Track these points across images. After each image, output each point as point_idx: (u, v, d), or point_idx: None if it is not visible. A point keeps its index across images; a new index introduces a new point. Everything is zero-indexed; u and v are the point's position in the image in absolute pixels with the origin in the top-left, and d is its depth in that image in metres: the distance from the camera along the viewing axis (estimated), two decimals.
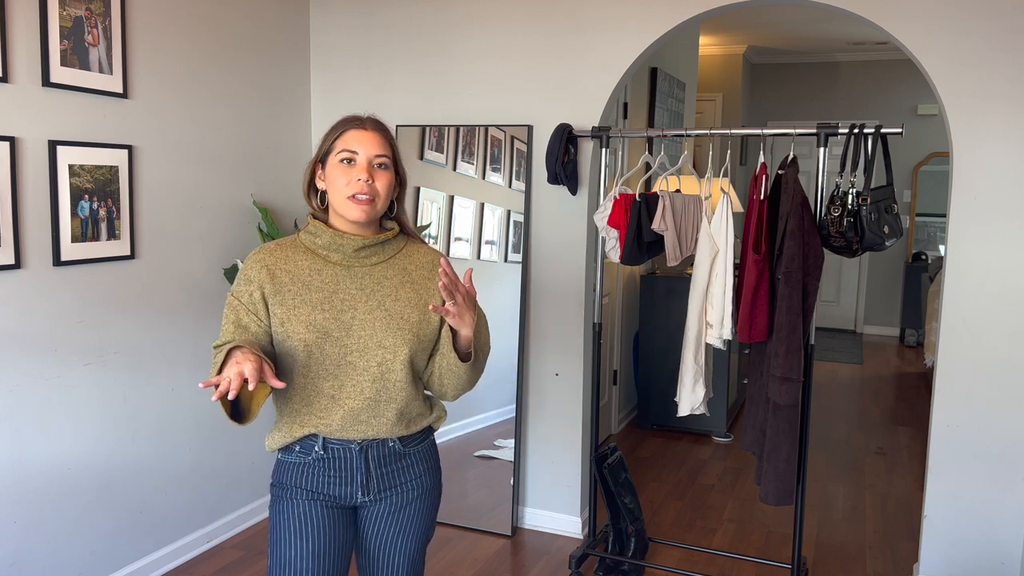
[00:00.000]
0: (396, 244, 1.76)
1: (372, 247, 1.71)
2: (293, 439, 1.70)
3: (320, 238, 1.69)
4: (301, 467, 1.71)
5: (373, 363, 1.67)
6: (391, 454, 1.74)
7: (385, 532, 1.78)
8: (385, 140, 1.69)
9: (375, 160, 1.66)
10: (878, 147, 2.71)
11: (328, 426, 1.68)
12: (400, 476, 1.76)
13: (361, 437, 1.70)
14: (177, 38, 3.03)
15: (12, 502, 2.55)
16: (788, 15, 6.27)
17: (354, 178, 1.64)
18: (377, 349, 1.67)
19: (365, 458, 1.71)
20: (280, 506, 1.72)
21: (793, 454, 2.70)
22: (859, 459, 4.56)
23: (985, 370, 2.84)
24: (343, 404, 1.67)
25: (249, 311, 1.65)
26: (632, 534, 3.21)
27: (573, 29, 3.29)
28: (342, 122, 1.71)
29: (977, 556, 2.91)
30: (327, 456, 1.70)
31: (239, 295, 1.67)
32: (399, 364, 1.68)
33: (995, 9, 2.74)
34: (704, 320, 2.84)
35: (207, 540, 3.30)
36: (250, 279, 1.67)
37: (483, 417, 3.50)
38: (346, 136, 1.67)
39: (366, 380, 1.67)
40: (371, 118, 1.72)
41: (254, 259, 1.69)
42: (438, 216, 3.53)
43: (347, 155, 1.65)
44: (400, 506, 1.77)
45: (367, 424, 1.69)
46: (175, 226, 3.08)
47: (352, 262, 1.70)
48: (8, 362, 2.52)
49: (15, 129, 2.49)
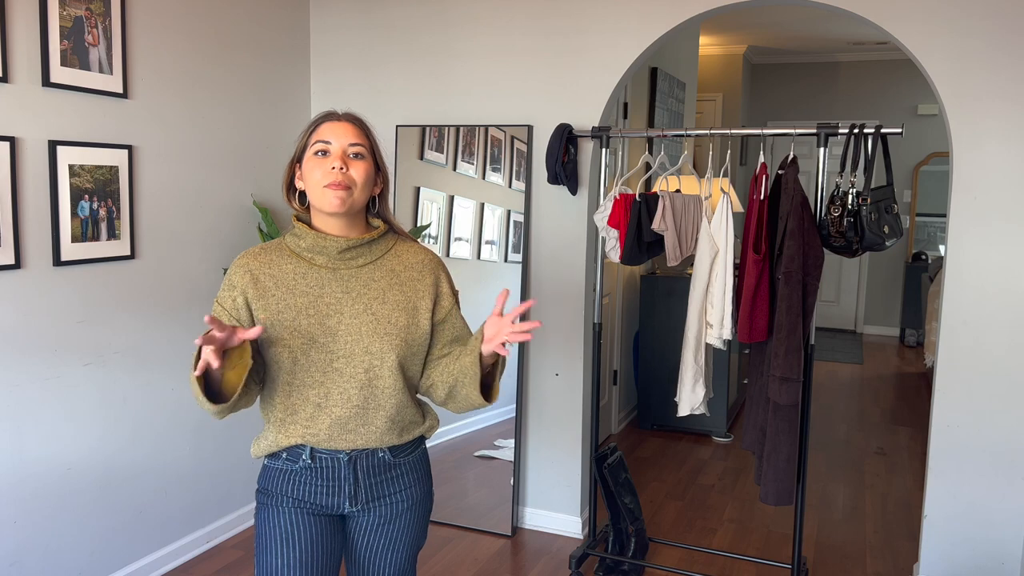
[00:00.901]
0: (384, 244, 1.71)
1: (357, 248, 1.66)
2: (279, 447, 1.66)
3: (304, 240, 1.65)
4: (288, 474, 1.67)
5: (360, 370, 1.62)
6: (381, 464, 1.70)
7: (373, 544, 1.75)
8: (360, 130, 1.65)
9: (349, 149, 1.61)
10: (878, 147, 2.71)
11: (315, 436, 1.64)
12: (389, 487, 1.72)
13: (350, 447, 1.65)
14: (177, 38, 3.04)
15: (12, 502, 2.55)
16: (788, 15, 6.27)
17: (328, 167, 1.59)
18: (364, 355, 1.62)
19: (354, 468, 1.67)
20: (266, 513, 1.69)
21: (793, 454, 2.70)
22: (859, 459, 4.56)
23: (985, 370, 2.84)
24: (330, 412, 1.63)
25: (232, 316, 1.62)
26: (632, 534, 3.21)
27: (573, 29, 3.29)
28: (316, 118, 1.68)
29: (977, 556, 2.91)
30: (315, 465, 1.66)
31: (222, 301, 1.63)
32: (387, 370, 1.64)
33: (995, 9, 2.74)
34: (704, 320, 2.84)
35: (207, 540, 3.30)
36: (233, 285, 1.63)
37: (483, 417, 3.50)
38: (320, 129, 1.64)
39: (353, 387, 1.62)
40: (347, 112, 1.68)
41: (238, 264, 1.65)
42: (438, 216, 3.53)
43: (321, 146, 1.61)
44: (389, 518, 1.74)
45: (355, 433, 1.65)
46: (175, 226, 3.08)
47: (338, 264, 1.65)
48: (8, 362, 2.52)
49: (15, 129, 2.49)
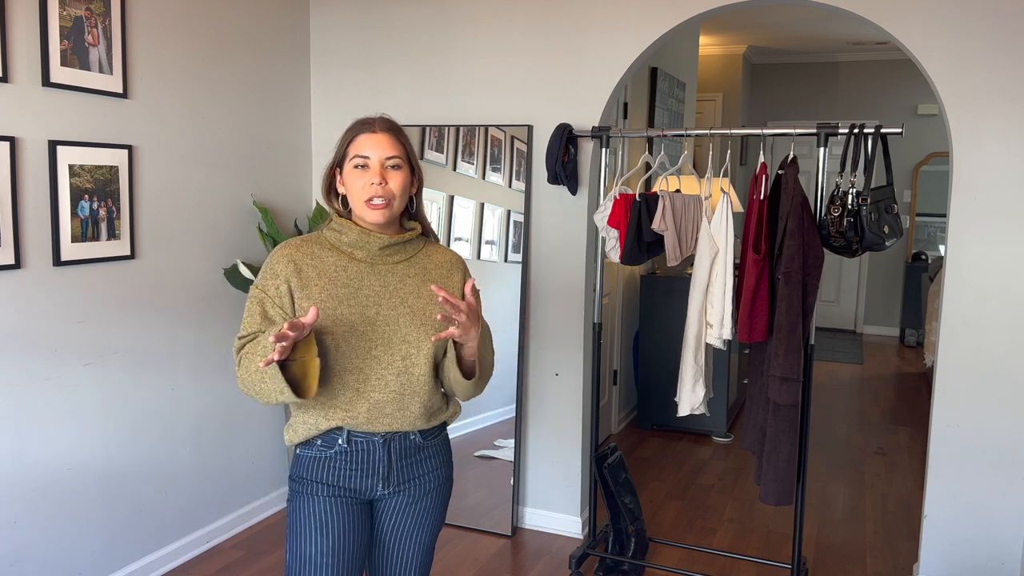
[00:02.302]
0: (417, 244, 1.81)
1: (395, 246, 1.76)
2: (318, 432, 1.73)
3: (346, 235, 1.73)
4: (321, 461, 1.74)
5: (397, 357, 1.71)
6: (412, 446, 1.78)
7: (402, 524, 1.82)
8: (396, 140, 1.74)
9: (387, 162, 1.71)
10: (878, 147, 2.71)
11: (354, 419, 1.71)
12: (419, 468, 1.81)
13: (385, 430, 1.74)
14: (177, 38, 3.04)
15: (12, 502, 2.55)
16: (788, 15, 6.27)
17: (368, 182, 1.69)
18: (401, 344, 1.71)
19: (388, 450, 1.75)
20: (299, 501, 1.75)
21: (793, 454, 2.70)
22: (859, 459, 4.56)
23: (985, 370, 2.84)
24: (368, 397, 1.70)
25: (275, 304, 1.69)
26: (632, 534, 3.21)
27: (573, 29, 3.29)
28: (353, 127, 1.75)
29: (977, 556, 2.91)
30: (350, 449, 1.73)
31: (265, 288, 1.70)
32: (423, 358, 1.73)
33: (995, 9, 2.74)
34: (704, 320, 2.84)
35: (207, 540, 3.30)
36: (276, 273, 1.70)
37: (483, 417, 3.50)
38: (357, 141, 1.72)
39: (391, 374, 1.71)
40: (381, 119, 1.76)
41: (280, 254, 1.73)
42: (438, 216, 3.53)
43: (360, 160, 1.70)
44: (417, 498, 1.82)
45: (392, 417, 1.73)
46: (175, 226, 3.08)
47: (376, 260, 1.75)
48: (8, 362, 2.52)
49: (15, 129, 2.49)
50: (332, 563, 1.72)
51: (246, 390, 1.66)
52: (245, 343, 1.69)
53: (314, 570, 1.72)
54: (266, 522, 3.55)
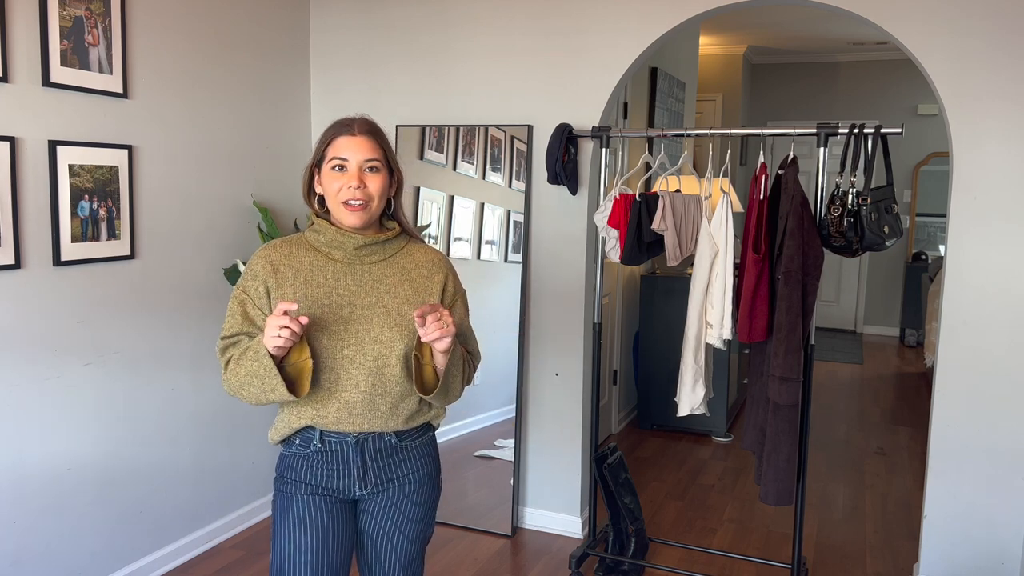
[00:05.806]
0: (396, 243, 1.81)
1: (373, 246, 1.75)
2: (291, 430, 1.75)
3: (323, 236, 1.74)
4: (301, 460, 1.76)
5: (369, 357, 1.70)
6: (387, 448, 1.78)
7: (382, 526, 1.81)
8: (375, 143, 1.72)
9: (365, 165, 1.70)
10: (878, 147, 2.71)
11: (324, 418, 1.72)
12: (397, 470, 1.80)
13: (357, 430, 1.74)
14: (177, 38, 3.03)
15: (12, 502, 2.55)
16: (788, 15, 6.27)
17: (345, 185, 1.69)
18: (374, 344, 1.71)
19: (361, 451, 1.75)
20: (281, 500, 1.77)
21: (793, 454, 2.70)
22: (859, 459, 4.56)
23: (985, 370, 2.84)
24: (339, 397, 1.71)
25: (255, 304, 1.72)
26: (632, 534, 3.21)
27: (573, 29, 3.29)
28: (332, 127, 1.74)
29: (977, 556, 2.91)
30: (325, 449, 1.74)
31: (245, 288, 1.73)
32: (394, 359, 1.72)
33: (995, 9, 2.74)
34: (704, 320, 2.84)
35: (207, 540, 3.30)
36: (256, 274, 1.73)
37: (483, 417, 3.50)
38: (336, 143, 1.71)
39: (362, 374, 1.70)
40: (361, 120, 1.74)
41: (260, 255, 1.75)
42: (438, 216, 3.53)
43: (337, 162, 1.70)
44: (397, 500, 1.81)
45: (362, 417, 1.72)
46: (175, 226, 3.08)
47: (353, 259, 1.75)
48: (8, 362, 2.52)
49: (15, 129, 2.49)
50: (312, 561, 1.72)
51: (232, 391, 1.69)
52: (228, 344, 1.72)
53: (293, 568, 1.72)
54: (266, 522, 3.55)
